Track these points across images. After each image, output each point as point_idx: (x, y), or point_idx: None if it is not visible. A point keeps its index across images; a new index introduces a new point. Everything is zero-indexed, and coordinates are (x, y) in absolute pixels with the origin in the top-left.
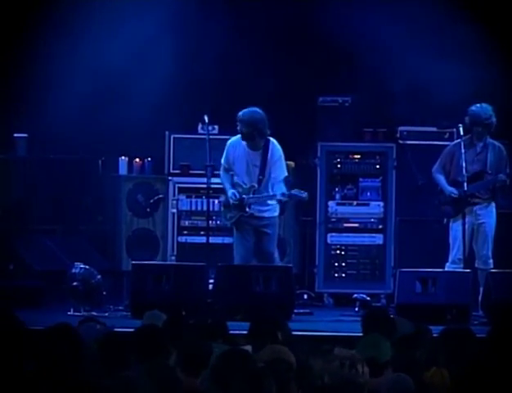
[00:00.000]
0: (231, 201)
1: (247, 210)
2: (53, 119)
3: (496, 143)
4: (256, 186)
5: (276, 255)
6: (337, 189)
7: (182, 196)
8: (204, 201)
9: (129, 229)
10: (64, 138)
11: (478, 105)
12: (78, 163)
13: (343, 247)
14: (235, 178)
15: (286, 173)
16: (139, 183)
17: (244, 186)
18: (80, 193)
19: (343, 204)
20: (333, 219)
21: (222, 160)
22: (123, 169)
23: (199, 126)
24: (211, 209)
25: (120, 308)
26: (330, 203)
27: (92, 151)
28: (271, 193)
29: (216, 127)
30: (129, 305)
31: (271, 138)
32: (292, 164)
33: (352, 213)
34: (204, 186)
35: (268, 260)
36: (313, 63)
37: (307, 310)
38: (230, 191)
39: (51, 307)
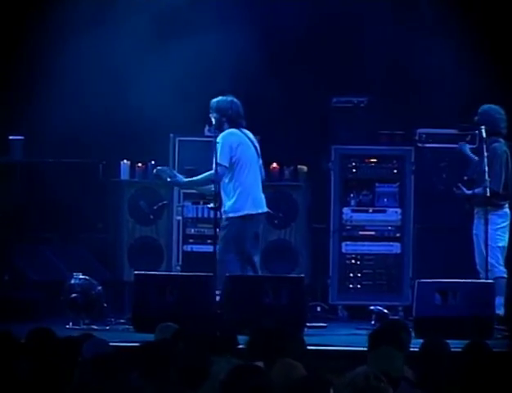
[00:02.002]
0: None
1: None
2: (51, 121)
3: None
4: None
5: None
6: (352, 195)
7: (188, 203)
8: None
9: (131, 237)
10: (62, 141)
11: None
12: (78, 167)
13: (358, 256)
14: None
15: (218, 162)
16: (142, 189)
17: None
18: (79, 199)
19: (359, 211)
20: (348, 227)
21: None
22: (124, 174)
23: (206, 128)
24: (218, 216)
25: (122, 321)
26: (345, 210)
27: (93, 155)
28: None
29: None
30: (131, 318)
31: (232, 129)
32: (304, 168)
33: (368, 220)
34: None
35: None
36: (326, 62)
37: (321, 324)
38: None
39: (49, 320)
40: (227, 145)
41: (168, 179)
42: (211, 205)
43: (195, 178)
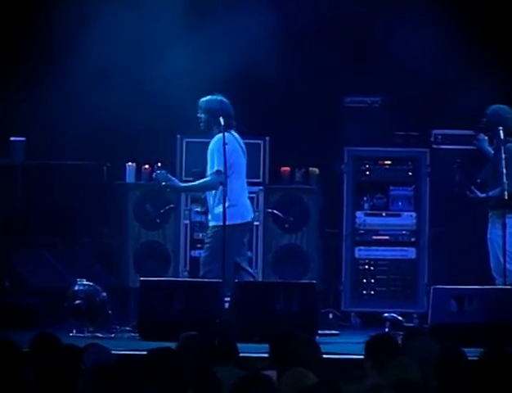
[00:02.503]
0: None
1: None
2: (54, 122)
3: None
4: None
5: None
6: (365, 198)
7: (196, 206)
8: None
9: (137, 242)
10: (65, 142)
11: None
12: (81, 169)
13: (371, 262)
14: None
15: (215, 169)
16: (148, 192)
17: None
18: (83, 203)
19: (372, 214)
20: (361, 231)
21: None
22: (130, 176)
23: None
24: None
25: (127, 329)
26: (358, 214)
27: (97, 157)
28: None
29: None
30: (137, 326)
31: (222, 131)
32: (316, 171)
33: (382, 224)
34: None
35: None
36: (339, 60)
37: (333, 331)
38: None
39: (51, 328)
40: (218, 149)
41: (163, 183)
42: (198, 209)
43: (192, 184)
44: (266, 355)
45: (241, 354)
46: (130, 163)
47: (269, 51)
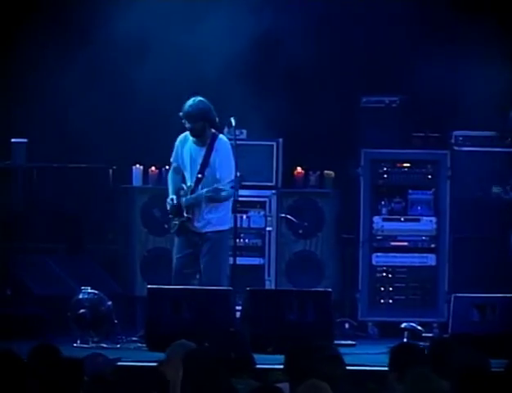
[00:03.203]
0: (168, 206)
1: (184, 214)
2: (56, 123)
3: None
4: (192, 185)
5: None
6: (383, 202)
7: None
8: (231, 216)
9: (144, 249)
10: (69, 144)
11: None
12: (86, 172)
13: (389, 269)
14: (185, 178)
15: (233, 178)
16: (155, 196)
17: (187, 187)
18: (88, 207)
19: (390, 219)
20: (378, 237)
21: (171, 159)
22: (137, 180)
23: (225, 130)
24: (238, 225)
25: (134, 339)
26: (375, 218)
27: (102, 159)
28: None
29: (244, 131)
30: (144, 336)
31: (221, 135)
32: (331, 174)
33: (401, 230)
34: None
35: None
36: (355, 58)
37: (349, 342)
38: (170, 196)
39: (55, 338)
40: (232, 157)
41: (185, 215)
42: (186, 215)
43: (215, 196)
44: (279, 367)
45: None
46: (137, 166)
47: (282, 48)
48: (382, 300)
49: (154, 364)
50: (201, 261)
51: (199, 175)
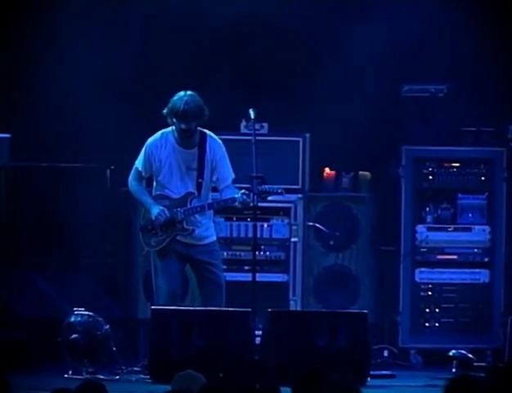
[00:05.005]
0: (160, 220)
1: (185, 226)
2: (46, 116)
3: None
4: (195, 192)
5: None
6: (428, 209)
7: (220, 219)
8: (250, 225)
9: (147, 263)
10: (60, 141)
11: None
12: (80, 173)
13: (435, 287)
14: (158, 188)
15: (233, 175)
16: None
17: (174, 196)
18: (82, 214)
19: (437, 229)
20: (422, 250)
21: (139, 166)
22: None
23: (243, 124)
24: (259, 235)
25: (136, 369)
26: (419, 228)
27: (98, 158)
28: (210, 201)
29: (265, 125)
30: (148, 366)
31: (207, 131)
32: (367, 175)
33: (449, 241)
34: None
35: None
36: (396, 41)
37: (388, 372)
38: (155, 208)
39: (43, 367)
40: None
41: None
42: (186, 227)
43: (222, 199)
44: None
45: None
46: None
47: (309, 29)
48: (427, 324)
49: None
50: (199, 278)
51: (200, 180)
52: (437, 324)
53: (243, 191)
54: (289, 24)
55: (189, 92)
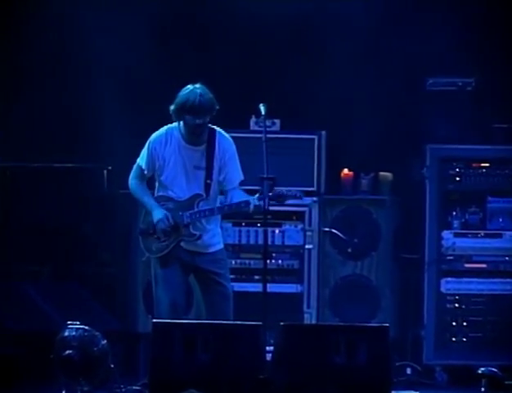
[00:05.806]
0: (162, 225)
1: (192, 231)
2: (38, 113)
3: None
4: (203, 194)
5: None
6: (455, 213)
7: (227, 224)
8: (260, 230)
9: (148, 273)
10: (53, 139)
11: None
12: (75, 174)
13: (463, 298)
14: (160, 189)
15: (242, 177)
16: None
17: (179, 198)
18: (77, 218)
19: (464, 235)
20: (449, 258)
21: (142, 163)
22: None
23: (252, 120)
24: (270, 242)
25: (136, 388)
26: (445, 234)
27: (95, 158)
28: (219, 204)
29: (277, 122)
30: (149, 384)
31: (216, 127)
32: (389, 176)
33: (477, 248)
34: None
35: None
36: (419, 30)
37: (412, 391)
38: (158, 211)
39: (35, 387)
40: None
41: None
42: (193, 232)
43: (234, 202)
44: None
45: None
46: None
47: (328, 21)
48: (453, 339)
49: None
50: (205, 289)
51: (208, 180)
52: (464, 339)
53: (257, 195)
54: (304, 16)
55: (198, 85)
